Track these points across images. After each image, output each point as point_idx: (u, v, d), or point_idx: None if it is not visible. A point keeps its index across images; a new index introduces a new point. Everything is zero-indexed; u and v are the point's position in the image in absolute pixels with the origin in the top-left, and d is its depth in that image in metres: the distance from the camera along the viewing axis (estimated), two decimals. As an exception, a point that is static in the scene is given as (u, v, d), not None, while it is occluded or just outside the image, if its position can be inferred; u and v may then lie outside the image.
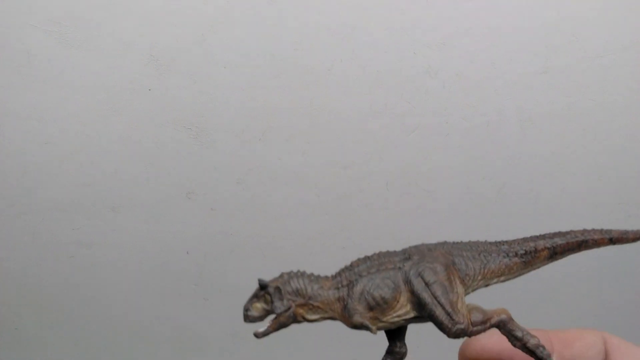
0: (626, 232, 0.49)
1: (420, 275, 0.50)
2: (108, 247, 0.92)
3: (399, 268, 0.50)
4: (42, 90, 0.85)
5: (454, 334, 0.48)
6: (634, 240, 0.50)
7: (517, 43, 0.87)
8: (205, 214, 0.91)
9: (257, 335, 0.49)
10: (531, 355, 0.47)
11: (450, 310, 0.49)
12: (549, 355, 0.46)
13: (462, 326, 0.48)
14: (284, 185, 0.91)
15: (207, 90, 0.87)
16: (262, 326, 0.50)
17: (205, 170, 0.89)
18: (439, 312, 0.48)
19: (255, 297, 0.51)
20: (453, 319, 0.48)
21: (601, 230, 0.49)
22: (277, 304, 0.50)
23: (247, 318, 0.49)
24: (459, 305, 0.49)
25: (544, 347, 0.47)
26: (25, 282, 0.93)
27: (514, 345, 0.47)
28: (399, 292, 0.49)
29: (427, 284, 0.49)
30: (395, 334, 0.52)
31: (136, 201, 0.90)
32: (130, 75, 0.86)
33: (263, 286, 0.50)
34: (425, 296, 0.49)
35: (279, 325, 0.49)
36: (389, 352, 0.52)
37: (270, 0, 0.83)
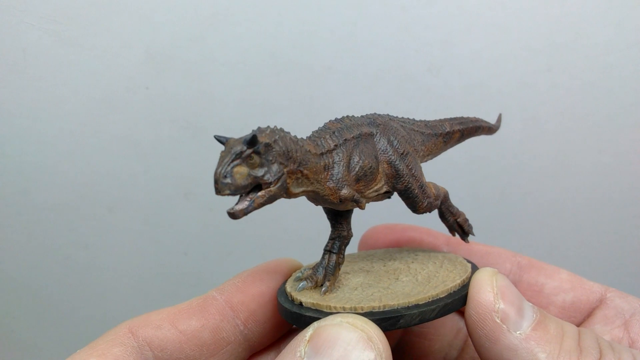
0: (493, 124, 0.59)
1: (394, 144, 0.46)
2: (104, 248, 0.91)
3: (372, 134, 0.46)
4: (37, 88, 0.85)
5: (424, 209, 0.48)
6: (495, 131, 0.60)
7: (521, 41, 0.86)
8: (203, 214, 0.90)
9: (237, 215, 0.35)
10: (457, 229, 0.52)
11: (423, 183, 0.47)
12: (472, 228, 0.53)
13: (431, 199, 0.48)
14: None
15: (205, 88, 0.86)
16: (234, 202, 0.36)
17: (204, 170, 0.88)
18: (415, 185, 0.46)
19: (239, 157, 0.35)
20: (425, 192, 0.47)
21: (485, 121, 0.58)
22: (272, 167, 0.36)
23: (228, 188, 0.34)
24: (424, 179, 0.48)
25: (469, 223, 0.53)
26: (21, 283, 0.92)
27: (447, 220, 0.52)
28: (379, 163, 0.45)
29: (402, 155, 0.46)
30: (342, 217, 0.46)
31: (133, 201, 0.89)
32: (127, 73, 0.85)
33: (254, 141, 0.35)
34: (403, 167, 0.46)
35: (268, 199, 0.36)
36: (335, 237, 0.46)
37: (270, -3, 0.83)
